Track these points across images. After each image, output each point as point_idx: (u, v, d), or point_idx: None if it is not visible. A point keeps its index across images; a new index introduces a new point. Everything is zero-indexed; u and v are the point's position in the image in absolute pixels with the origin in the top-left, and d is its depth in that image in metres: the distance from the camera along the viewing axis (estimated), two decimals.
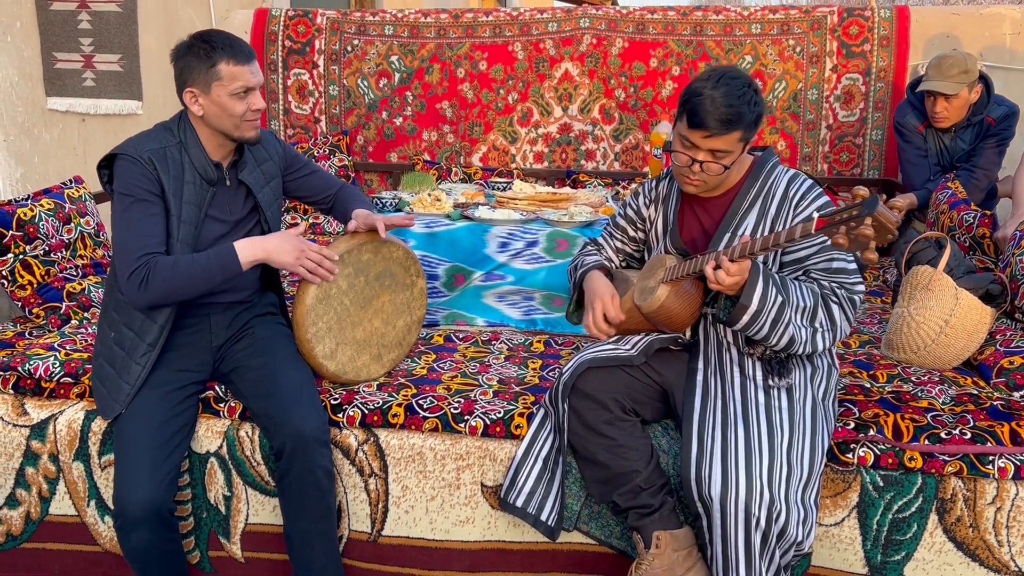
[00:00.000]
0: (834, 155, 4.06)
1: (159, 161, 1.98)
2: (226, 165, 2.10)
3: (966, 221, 2.89)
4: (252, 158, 2.15)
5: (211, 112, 1.99)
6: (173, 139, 2.03)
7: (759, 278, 1.80)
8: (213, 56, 1.95)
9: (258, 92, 2.02)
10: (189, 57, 1.96)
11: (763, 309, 1.80)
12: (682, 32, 4.08)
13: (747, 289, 1.80)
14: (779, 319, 1.82)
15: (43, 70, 3.57)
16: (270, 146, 2.22)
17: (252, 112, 2.01)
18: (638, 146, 4.15)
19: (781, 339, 1.85)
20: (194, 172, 2.03)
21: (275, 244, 2.05)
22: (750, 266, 1.80)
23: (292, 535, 2.04)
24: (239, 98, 1.98)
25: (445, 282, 2.77)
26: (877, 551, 1.98)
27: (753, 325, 1.83)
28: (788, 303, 1.83)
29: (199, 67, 1.95)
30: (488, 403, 2.15)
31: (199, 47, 1.96)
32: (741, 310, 1.81)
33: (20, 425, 2.19)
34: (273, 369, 2.10)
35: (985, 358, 2.33)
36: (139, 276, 1.92)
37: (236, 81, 1.97)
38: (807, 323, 1.86)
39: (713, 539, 1.81)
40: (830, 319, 1.87)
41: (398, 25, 4.25)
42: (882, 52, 3.95)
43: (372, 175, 4.37)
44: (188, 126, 2.05)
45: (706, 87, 1.85)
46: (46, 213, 2.64)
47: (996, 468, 1.93)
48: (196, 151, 2.04)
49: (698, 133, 1.88)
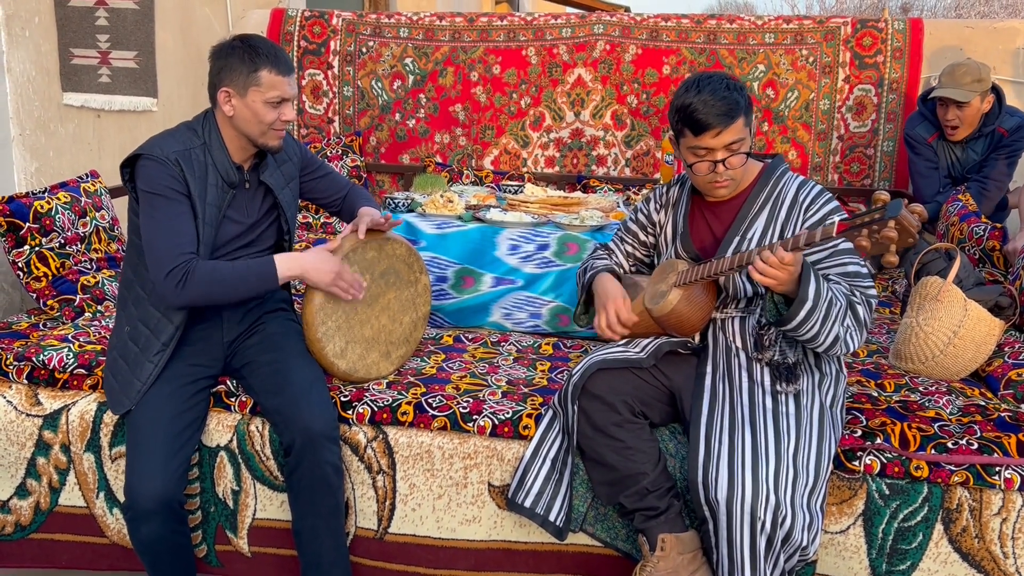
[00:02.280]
0: (845, 165, 4.06)
1: (185, 163, 2.00)
2: (247, 168, 2.13)
3: (976, 233, 2.89)
4: (273, 160, 2.19)
5: (242, 115, 2.02)
6: (197, 140, 2.05)
7: (811, 272, 1.80)
8: (257, 62, 1.98)
9: (290, 104, 2.05)
10: (232, 58, 1.99)
11: (818, 305, 1.79)
12: (695, 40, 4.09)
13: (802, 283, 1.78)
14: (828, 316, 1.82)
15: (60, 65, 3.60)
16: (289, 147, 2.24)
17: (281, 122, 2.04)
18: (649, 152, 4.16)
19: (828, 337, 1.84)
20: (216, 174, 2.05)
21: (313, 264, 2.07)
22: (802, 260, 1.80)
23: (301, 531, 2.06)
24: (272, 107, 2.01)
25: (454, 284, 2.78)
26: (882, 560, 1.98)
27: (807, 321, 1.81)
28: (834, 300, 1.83)
29: (240, 69, 1.98)
30: (497, 403, 2.16)
31: (243, 51, 1.99)
32: (800, 304, 1.79)
33: (33, 415, 2.21)
34: (284, 365, 2.11)
35: (993, 370, 2.33)
36: (177, 276, 1.94)
37: (274, 90, 2.00)
38: (842, 322, 1.85)
39: (719, 543, 1.82)
40: (856, 319, 1.88)
41: (413, 28, 4.27)
42: (895, 64, 3.96)
43: (384, 176, 4.39)
44: (213, 127, 2.07)
45: (692, 96, 1.93)
46: (62, 206, 2.66)
47: (1003, 479, 1.93)
48: (219, 153, 2.06)
49: (708, 135, 1.92)
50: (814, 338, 1.85)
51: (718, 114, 1.90)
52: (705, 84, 1.93)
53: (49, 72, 3.46)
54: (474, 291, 2.78)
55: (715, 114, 1.90)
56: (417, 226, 2.78)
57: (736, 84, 1.95)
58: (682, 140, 2.00)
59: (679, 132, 1.99)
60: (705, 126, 1.91)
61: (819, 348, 1.88)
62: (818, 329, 1.83)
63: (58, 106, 3.48)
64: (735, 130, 1.92)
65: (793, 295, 1.82)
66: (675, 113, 1.98)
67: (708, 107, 1.90)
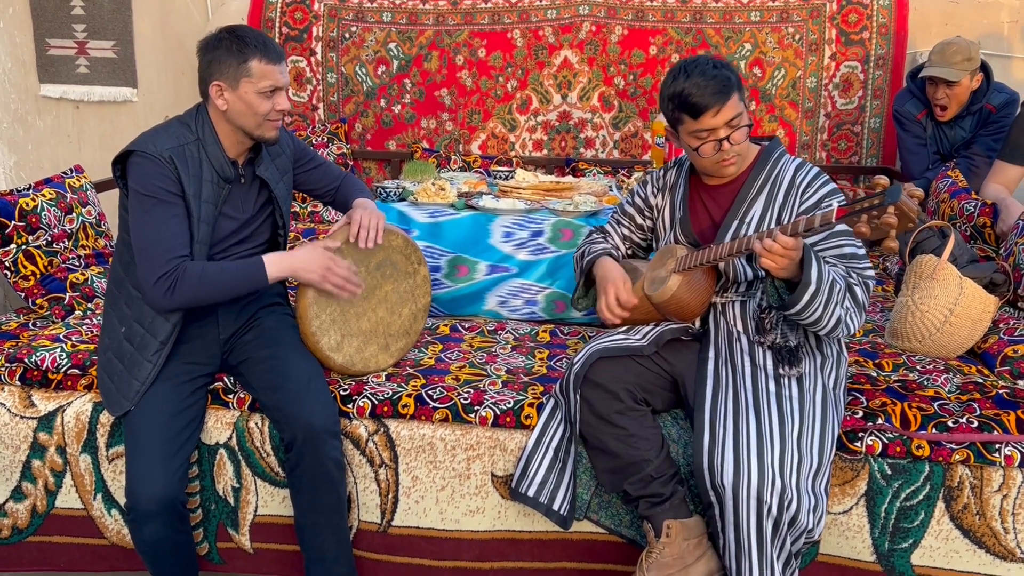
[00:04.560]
0: (832, 143, 4.06)
1: (179, 160, 1.95)
2: (241, 162, 2.09)
3: (967, 210, 2.91)
4: (267, 153, 2.15)
5: (235, 108, 1.97)
6: (191, 135, 2.01)
7: (812, 256, 1.80)
8: (246, 52, 1.94)
9: (284, 93, 2.01)
10: (220, 51, 1.95)
11: (820, 288, 1.79)
12: (681, 20, 4.06)
13: (805, 267, 1.78)
14: (831, 299, 1.82)
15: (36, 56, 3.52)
16: (283, 140, 2.20)
17: (276, 112, 2.00)
18: (637, 134, 4.15)
19: (831, 320, 1.84)
20: (211, 170, 2.01)
21: (302, 262, 2.04)
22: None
23: (303, 526, 2.04)
24: (266, 97, 1.97)
25: (448, 272, 2.76)
26: (885, 539, 2.00)
27: (811, 305, 1.81)
28: (835, 282, 1.83)
29: (230, 62, 1.94)
30: (498, 393, 2.15)
31: (231, 42, 1.94)
32: (804, 287, 1.78)
33: (28, 417, 2.18)
34: (282, 361, 2.09)
35: (989, 346, 2.35)
36: (167, 282, 1.91)
37: (266, 79, 1.96)
38: (843, 304, 1.85)
39: (725, 527, 1.82)
40: (855, 301, 1.88)
41: (396, 12, 4.21)
42: (881, 40, 3.95)
43: (370, 163, 4.35)
44: (207, 121, 2.02)
45: (681, 82, 1.94)
46: (48, 203, 2.61)
47: (1003, 456, 1.95)
48: (214, 148, 2.02)
49: (707, 116, 1.93)
50: (817, 321, 1.85)
51: (712, 93, 1.90)
52: (692, 68, 1.94)
53: (25, 64, 3.39)
54: (469, 279, 2.76)
55: (710, 94, 1.91)
56: (409, 215, 2.76)
57: (722, 62, 1.96)
58: (681, 128, 1.98)
59: (676, 120, 1.98)
60: (703, 107, 1.91)
61: (821, 331, 1.88)
62: (821, 312, 1.83)
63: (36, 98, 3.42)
64: (732, 106, 1.93)
65: (794, 279, 1.82)
66: (668, 102, 1.97)
67: (701, 89, 1.90)
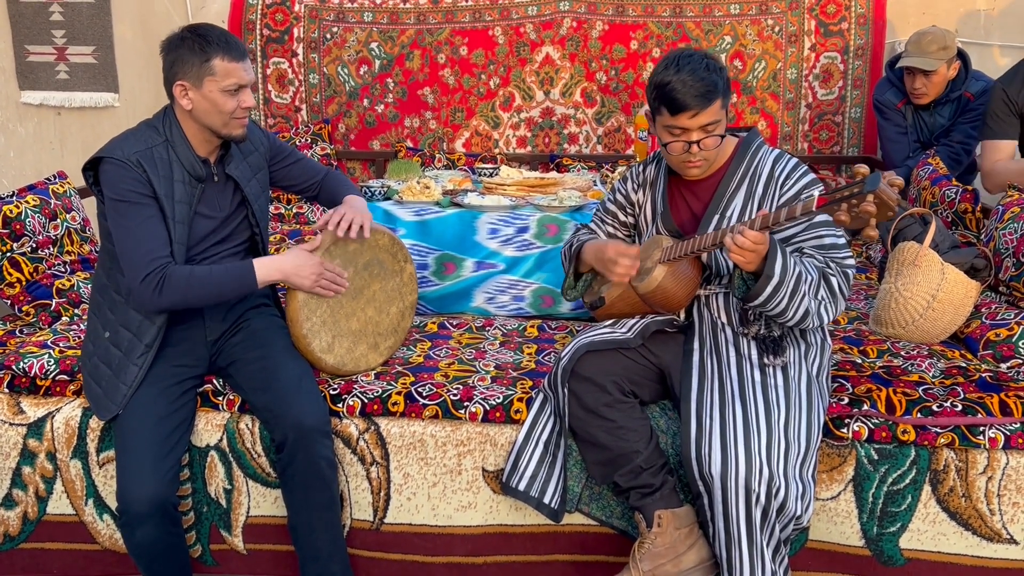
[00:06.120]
0: (814, 133, 4.09)
1: (147, 163, 1.95)
2: (213, 160, 2.09)
3: (948, 196, 2.94)
4: (238, 151, 2.14)
5: (201, 107, 1.97)
6: (159, 137, 2.00)
7: (777, 249, 1.82)
8: (208, 51, 1.93)
9: (249, 90, 2.00)
10: (182, 50, 1.94)
11: (784, 281, 1.82)
12: (662, 14, 4.08)
13: (768, 260, 1.81)
14: (796, 291, 1.84)
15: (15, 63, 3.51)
16: (255, 137, 2.20)
17: (242, 110, 2.00)
18: (620, 129, 4.16)
19: (797, 312, 1.87)
20: (182, 170, 2.01)
21: (293, 267, 2.05)
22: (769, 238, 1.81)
23: (297, 526, 2.05)
24: (230, 95, 1.97)
25: (435, 270, 2.77)
26: (873, 523, 2.02)
27: (774, 297, 1.84)
28: (803, 275, 1.85)
29: (192, 61, 1.93)
30: (487, 389, 2.16)
31: (193, 41, 1.93)
32: (765, 280, 1.81)
33: (17, 424, 2.17)
34: (271, 362, 2.09)
35: (971, 331, 2.38)
36: (153, 282, 1.90)
37: (229, 77, 1.95)
38: (815, 295, 1.88)
39: (715, 516, 1.84)
40: (831, 291, 1.90)
41: (377, 11, 4.21)
42: (859, 30, 3.98)
43: (355, 163, 4.35)
44: (174, 122, 2.02)
45: (670, 74, 1.91)
46: (32, 210, 2.60)
47: (987, 439, 1.97)
48: (183, 148, 2.01)
49: (683, 116, 1.91)
50: (782, 312, 1.88)
51: (695, 95, 1.89)
52: (685, 63, 1.91)
53: (4, 71, 3.37)
54: (456, 277, 2.77)
55: (692, 95, 1.89)
56: (395, 214, 2.76)
57: (716, 65, 1.93)
58: (658, 118, 1.99)
59: (655, 109, 1.99)
60: (682, 106, 1.90)
61: (788, 322, 1.91)
62: (786, 304, 1.85)
63: (16, 105, 3.40)
64: (711, 112, 1.92)
65: (762, 271, 1.84)
66: (653, 89, 1.97)
67: (686, 87, 1.89)
